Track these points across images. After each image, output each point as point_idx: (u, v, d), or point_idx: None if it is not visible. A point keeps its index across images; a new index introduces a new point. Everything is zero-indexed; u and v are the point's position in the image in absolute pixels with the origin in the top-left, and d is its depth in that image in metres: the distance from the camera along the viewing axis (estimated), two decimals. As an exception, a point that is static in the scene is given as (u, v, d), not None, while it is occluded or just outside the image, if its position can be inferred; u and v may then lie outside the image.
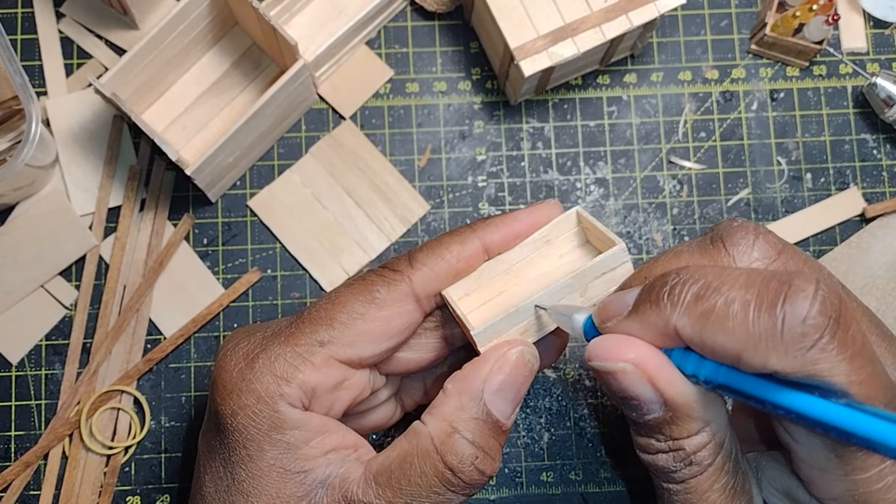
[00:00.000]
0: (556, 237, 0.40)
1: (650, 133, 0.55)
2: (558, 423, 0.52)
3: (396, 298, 0.38)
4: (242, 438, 0.36)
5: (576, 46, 0.49)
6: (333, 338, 0.37)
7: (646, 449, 0.35)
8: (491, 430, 0.36)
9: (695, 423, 0.33)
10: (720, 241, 0.35)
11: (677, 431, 0.33)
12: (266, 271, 0.53)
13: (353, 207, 0.53)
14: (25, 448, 0.51)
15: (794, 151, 0.55)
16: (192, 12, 0.50)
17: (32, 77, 0.54)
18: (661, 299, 0.32)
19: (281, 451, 0.36)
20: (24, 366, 0.51)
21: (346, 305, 0.38)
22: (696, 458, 0.33)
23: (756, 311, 0.29)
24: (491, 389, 0.36)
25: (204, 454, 0.39)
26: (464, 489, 0.36)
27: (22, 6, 0.55)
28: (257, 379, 0.36)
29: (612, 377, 0.33)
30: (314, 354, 0.37)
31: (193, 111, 0.54)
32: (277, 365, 0.36)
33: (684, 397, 0.32)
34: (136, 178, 0.53)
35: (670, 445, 0.34)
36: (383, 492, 0.36)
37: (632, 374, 0.32)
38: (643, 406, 0.33)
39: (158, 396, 0.52)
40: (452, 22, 0.56)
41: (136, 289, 0.52)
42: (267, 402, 0.36)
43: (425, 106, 0.55)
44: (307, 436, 0.36)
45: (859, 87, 0.55)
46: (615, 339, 0.33)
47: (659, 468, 0.35)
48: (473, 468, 0.35)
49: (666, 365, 0.32)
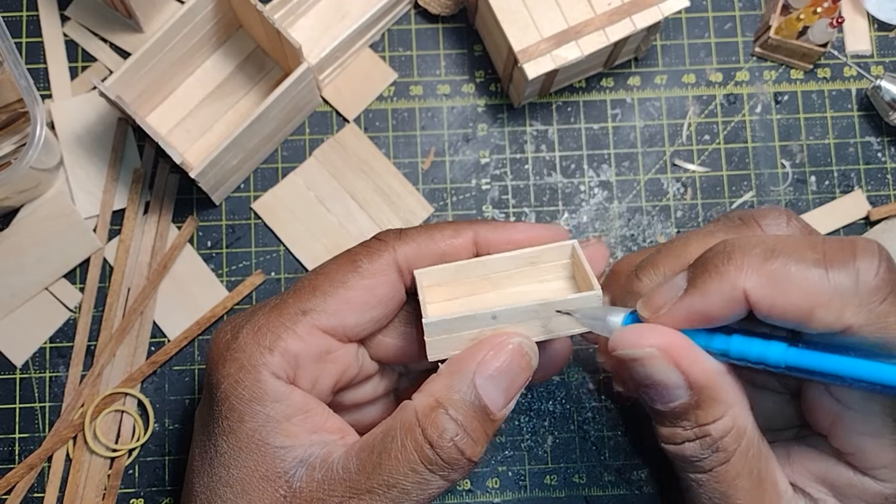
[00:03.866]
0: (544, 262, 0.39)
1: (654, 136, 0.55)
2: (562, 426, 0.52)
3: (379, 268, 0.38)
4: (225, 409, 0.36)
5: (579, 49, 0.49)
6: (316, 306, 0.37)
7: (672, 439, 0.35)
8: (477, 415, 0.35)
9: (719, 406, 0.34)
10: (753, 220, 0.36)
11: (703, 416, 0.34)
12: (270, 274, 0.53)
13: (356, 210, 0.53)
14: (29, 450, 0.51)
15: (799, 154, 0.55)
16: (197, 15, 0.50)
17: (37, 80, 0.54)
18: (722, 265, 0.32)
19: (261, 422, 0.36)
20: (28, 368, 0.52)
21: (330, 275, 0.38)
22: (723, 443, 0.34)
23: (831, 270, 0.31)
24: (483, 374, 0.35)
25: (196, 429, 0.39)
26: (442, 469, 0.35)
27: (27, 9, 0.55)
28: (241, 348, 0.37)
29: (638, 364, 0.33)
30: (297, 323, 0.37)
31: (197, 114, 0.54)
32: (261, 334, 0.37)
33: (708, 378, 0.33)
34: (140, 181, 0.53)
35: (696, 433, 0.34)
36: (363, 467, 0.35)
37: (658, 359, 0.33)
38: (669, 392, 0.33)
39: (162, 399, 0.52)
40: (456, 25, 0.56)
41: (140, 291, 0.52)
42: (249, 370, 0.36)
43: (429, 109, 0.55)
44: (289, 411, 0.36)
45: (864, 89, 0.55)
46: (639, 327, 0.34)
47: (686, 458, 0.35)
48: (453, 445, 0.34)
49: (690, 346, 0.33)
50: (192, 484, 0.38)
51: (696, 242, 0.36)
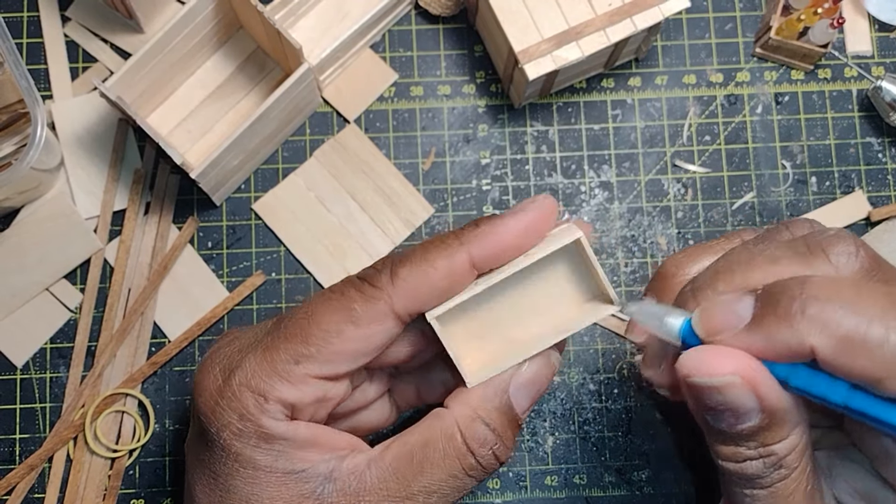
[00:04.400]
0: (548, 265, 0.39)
1: (654, 136, 0.55)
2: (562, 426, 0.52)
3: (375, 317, 0.36)
4: (232, 453, 0.36)
5: (580, 50, 0.49)
6: (310, 354, 0.36)
7: (732, 458, 0.34)
8: (509, 422, 0.37)
9: (787, 426, 0.33)
10: (820, 249, 0.34)
11: (770, 437, 0.33)
12: (270, 274, 0.53)
13: (357, 211, 0.53)
14: (30, 451, 0.51)
15: (799, 155, 0.55)
16: (197, 16, 0.50)
17: (38, 80, 0.54)
18: (793, 316, 0.31)
19: (273, 458, 0.36)
20: (28, 369, 0.52)
21: (323, 322, 0.36)
22: (786, 461, 0.33)
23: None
24: (517, 384, 0.37)
25: (193, 466, 0.39)
26: (479, 473, 0.37)
27: (27, 10, 0.55)
28: (236, 397, 0.36)
29: (715, 391, 0.32)
30: (290, 372, 0.36)
31: (198, 114, 0.54)
32: (255, 382, 0.36)
33: (783, 403, 0.32)
34: (140, 182, 0.53)
35: (761, 452, 0.33)
36: (401, 475, 0.36)
37: (739, 387, 0.32)
38: (740, 416, 0.32)
39: (163, 400, 0.52)
40: (456, 25, 0.56)
41: (141, 292, 0.52)
42: (249, 419, 0.36)
43: (429, 109, 0.55)
44: (297, 443, 0.36)
45: (864, 90, 0.55)
46: (713, 351, 0.32)
47: (747, 476, 0.34)
48: (491, 453, 0.37)
49: (768, 374, 0.32)
50: None
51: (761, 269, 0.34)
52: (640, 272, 0.53)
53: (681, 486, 0.51)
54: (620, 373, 0.52)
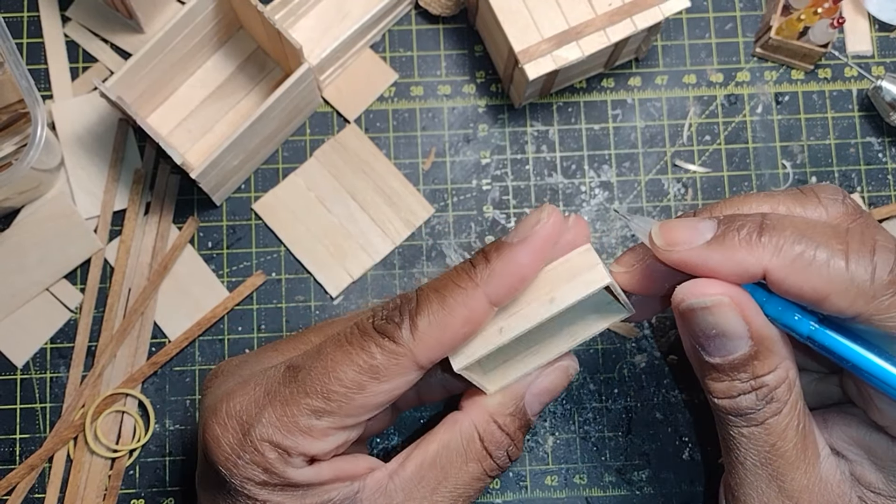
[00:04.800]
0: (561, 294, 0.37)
1: (655, 136, 0.55)
2: (563, 426, 0.52)
3: (399, 372, 0.36)
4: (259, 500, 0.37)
5: (580, 50, 0.49)
6: (332, 410, 0.36)
7: (727, 393, 0.36)
8: (521, 425, 0.40)
9: (775, 357, 0.36)
10: (812, 192, 0.37)
11: (760, 367, 0.35)
12: (270, 274, 0.53)
13: (357, 211, 0.53)
14: (30, 451, 0.51)
15: (799, 155, 0.55)
16: (198, 16, 0.50)
17: (38, 80, 0.54)
18: (752, 238, 0.34)
19: (299, 498, 0.37)
20: (28, 369, 0.52)
21: (345, 379, 0.36)
22: (777, 393, 0.36)
23: (851, 261, 0.33)
24: (533, 392, 0.39)
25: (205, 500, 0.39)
26: (494, 473, 0.39)
27: (28, 10, 0.55)
28: (259, 451, 0.36)
29: (707, 312, 0.35)
30: (313, 428, 0.36)
31: (198, 114, 0.54)
32: (277, 438, 0.36)
33: (769, 330, 0.35)
34: (141, 182, 0.53)
35: (753, 384, 0.36)
36: (427, 482, 0.38)
37: (727, 307, 0.34)
38: (731, 342, 0.35)
39: (163, 400, 0.52)
40: (457, 25, 0.56)
41: (141, 292, 0.52)
42: (274, 473, 0.36)
43: (429, 109, 0.55)
44: (322, 480, 0.37)
45: (864, 90, 0.55)
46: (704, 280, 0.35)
47: (741, 410, 0.36)
48: (505, 454, 0.39)
49: (752, 301, 0.35)
50: None
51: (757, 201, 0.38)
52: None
53: (681, 486, 0.51)
54: (620, 373, 0.52)
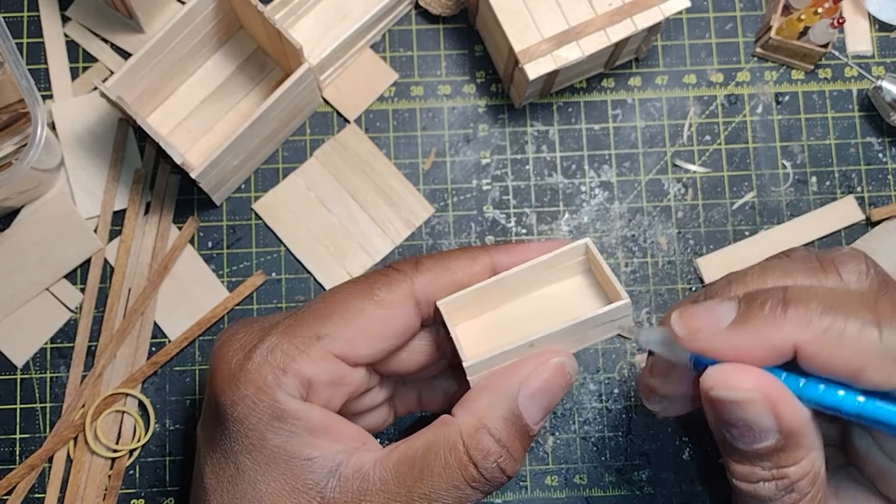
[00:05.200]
0: (560, 264, 0.40)
1: (655, 136, 0.55)
2: (563, 426, 0.52)
3: (396, 298, 0.38)
4: (244, 428, 0.36)
5: (580, 50, 0.49)
6: (331, 332, 0.37)
7: (747, 478, 0.35)
8: (518, 433, 0.36)
9: (802, 450, 0.33)
10: (832, 266, 0.35)
11: (785, 459, 0.33)
12: (270, 274, 0.53)
13: (357, 211, 0.53)
14: (30, 451, 0.51)
15: (800, 155, 0.55)
16: (198, 16, 0.50)
17: (38, 80, 0.54)
18: (777, 314, 0.32)
19: (284, 438, 0.36)
20: (28, 369, 0.52)
21: (346, 301, 0.38)
22: (799, 486, 0.34)
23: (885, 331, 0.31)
24: (526, 393, 0.36)
25: (204, 446, 0.39)
26: (483, 486, 0.36)
27: (28, 10, 0.55)
28: (255, 369, 0.36)
29: (735, 406, 0.33)
30: (311, 347, 0.37)
31: (198, 114, 0.54)
32: (275, 355, 0.36)
33: (800, 425, 0.33)
34: (141, 182, 0.53)
35: (774, 474, 0.34)
36: (402, 479, 0.35)
37: (759, 403, 0.32)
38: (756, 434, 0.33)
39: (163, 399, 0.52)
40: (457, 25, 0.56)
41: (141, 292, 0.52)
42: (266, 391, 0.36)
43: (429, 109, 0.55)
44: (309, 426, 0.36)
45: (864, 90, 0.55)
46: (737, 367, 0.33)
47: (759, 497, 0.35)
48: (496, 466, 0.36)
49: (786, 390, 0.33)
50: (206, 501, 0.38)
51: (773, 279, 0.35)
52: (641, 272, 0.53)
53: (681, 486, 0.51)
54: (620, 373, 0.52)
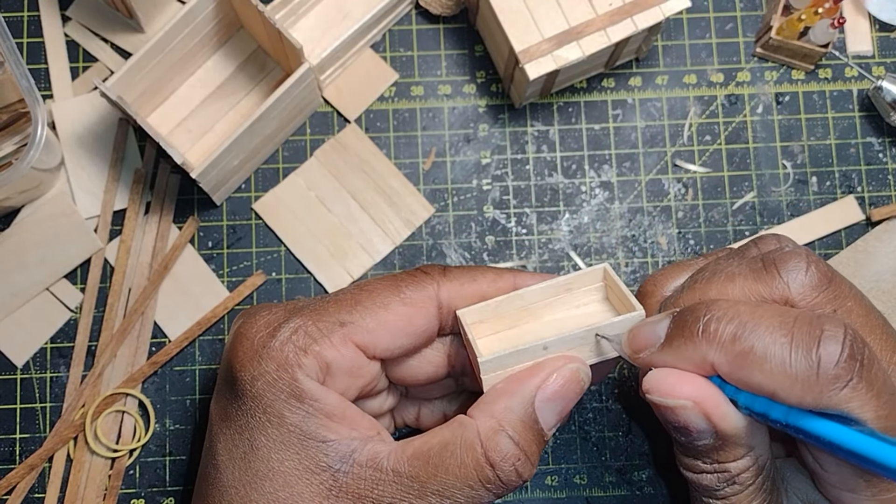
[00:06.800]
0: (578, 287, 0.41)
1: (655, 136, 0.55)
2: (563, 426, 0.52)
3: (421, 299, 0.39)
4: (262, 405, 0.37)
5: (581, 50, 0.49)
6: (355, 320, 0.38)
7: (691, 468, 0.36)
8: (534, 436, 0.37)
9: (741, 448, 0.35)
10: (773, 266, 0.36)
11: (724, 456, 0.35)
12: (271, 274, 0.53)
13: (357, 210, 0.53)
14: (30, 451, 0.51)
15: (800, 155, 0.55)
16: (198, 15, 0.50)
17: (38, 80, 0.54)
18: (695, 335, 0.33)
19: (301, 417, 0.36)
20: (28, 368, 0.52)
21: (373, 294, 0.39)
22: (739, 479, 0.35)
23: (793, 355, 0.31)
24: (543, 397, 0.37)
25: (217, 422, 0.39)
26: (497, 488, 0.36)
27: (28, 10, 0.55)
28: (279, 347, 0.37)
29: (669, 411, 0.34)
30: (334, 333, 0.38)
31: (198, 114, 0.54)
32: (298, 336, 0.37)
33: (735, 429, 0.34)
34: (141, 181, 0.53)
35: (716, 468, 0.35)
36: (416, 474, 0.36)
37: (690, 410, 0.34)
38: (694, 434, 0.34)
39: (163, 399, 0.52)
40: (457, 25, 0.56)
41: (141, 292, 0.52)
42: (286, 369, 0.36)
43: (430, 109, 0.55)
44: (327, 409, 0.37)
45: (865, 90, 0.55)
46: (672, 373, 0.34)
47: (703, 486, 0.36)
48: (513, 469, 0.36)
49: (721, 400, 0.34)
50: (217, 478, 0.38)
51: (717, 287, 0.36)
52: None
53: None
54: (620, 373, 0.52)
